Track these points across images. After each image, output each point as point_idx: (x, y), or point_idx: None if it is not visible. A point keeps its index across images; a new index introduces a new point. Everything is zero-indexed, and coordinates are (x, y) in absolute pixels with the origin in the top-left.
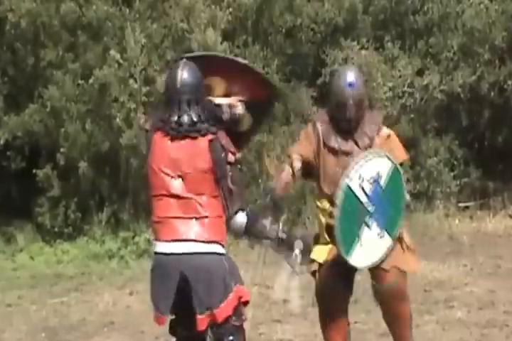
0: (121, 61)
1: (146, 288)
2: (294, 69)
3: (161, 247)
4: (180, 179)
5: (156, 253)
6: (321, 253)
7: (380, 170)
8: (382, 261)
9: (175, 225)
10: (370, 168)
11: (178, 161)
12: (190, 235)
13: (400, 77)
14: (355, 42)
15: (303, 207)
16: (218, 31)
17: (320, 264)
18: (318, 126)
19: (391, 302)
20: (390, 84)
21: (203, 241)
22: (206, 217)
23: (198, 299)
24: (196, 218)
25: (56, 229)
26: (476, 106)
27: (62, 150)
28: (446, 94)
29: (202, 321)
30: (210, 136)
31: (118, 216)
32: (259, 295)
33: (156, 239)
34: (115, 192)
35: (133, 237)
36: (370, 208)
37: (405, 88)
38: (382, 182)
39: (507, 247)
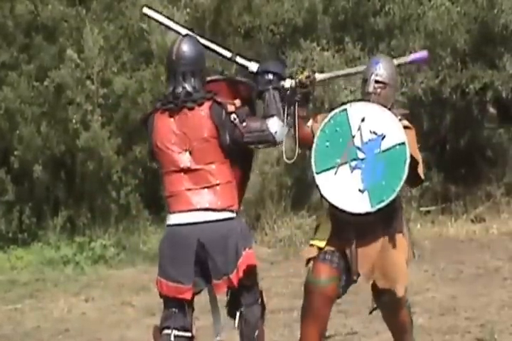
0: (78, 61)
1: (102, 295)
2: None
3: (176, 218)
4: (188, 152)
5: (169, 225)
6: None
7: (388, 133)
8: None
9: (188, 196)
10: (379, 120)
11: (183, 136)
12: (204, 204)
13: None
14: (315, 44)
15: (262, 211)
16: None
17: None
18: None
19: (391, 309)
20: (352, 88)
21: (217, 209)
22: (217, 184)
23: (215, 266)
24: (208, 187)
25: (10, 235)
26: (438, 110)
27: (16, 153)
28: (408, 98)
29: (219, 286)
30: (207, 103)
31: (74, 221)
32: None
33: (170, 212)
34: (71, 197)
35: (89, 243)
36: (360, 154)
37: None
38: (385, 144)
39: (469, 252)
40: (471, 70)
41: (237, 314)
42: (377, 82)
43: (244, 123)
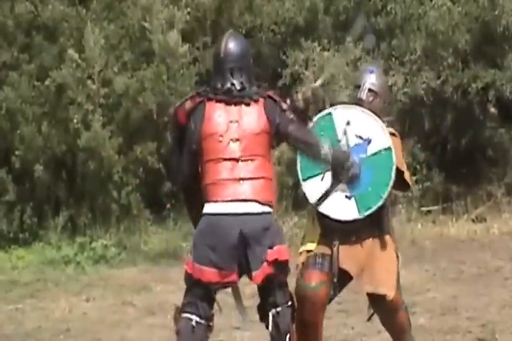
0: (79, 61)
1: (103, 295)
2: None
3: (218, 208)
4: (238, 142)
5: (209, 214)
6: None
7: (374, 138)
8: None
9: (233, 186)
10: (365, 124)
11: (236, 126)
12: (248, 195)
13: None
14: (316, 43)
15: None
16: (178, 32)
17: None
18: None
19: (387, 313)
20: (352, 87)
21: (260, 202)
22: (262, 177)
23: (254, 256)
24: (253, 179)
25: (11, 235)
26: (440, 110)
27: (17, 153)
28: (410, 98)
29: (257, 276)
30: (262, 100)
31: (75, 221)
32: (219, 301)
33: (211, 201)
34: (72, 197)
35: (90, 243)
36: None
37: None
38: (370, 149)
39: (470, 252)
40: (472, 70)
41: (270, 316)
42: (370, 90)
43: (295, 124)
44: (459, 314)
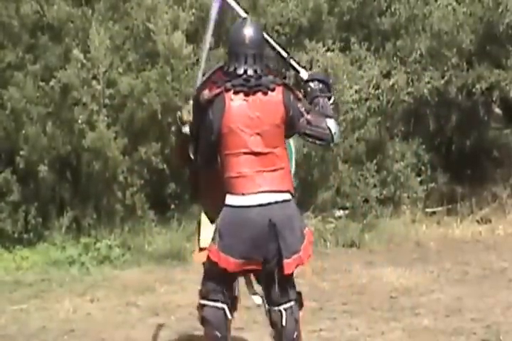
0: (84, 62)
1: (107, 295)
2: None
3: (244, 200)
4: (259, 136)
5: (235, 206)
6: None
7: None
8: None
9: (257, 179)
10: None
11: (257, 119)
12: (272, 186)
13: (367, 80)
14: (320, 44)
15: None
16: (183, 33)
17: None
18: None
19: None
20: (357, 87)
21: (282, 191)
22: (282, 168)
23: (286, 244)
24: (275, 170)
25: (15, 235)
26: (444, 110)
27: (21, 153)
28: (414, 98)
29: (289, 265)
30: (279, 88)
31: (79, 221)
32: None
33: (235, 193)
34: (76, 197)
35: (94, 243)
36: None
37: (372, 90)
38: None
39: (474, 253)
40: (477, 70)
41: (282, 312)
42: None
43: (309, 116)
44: (463, 315)
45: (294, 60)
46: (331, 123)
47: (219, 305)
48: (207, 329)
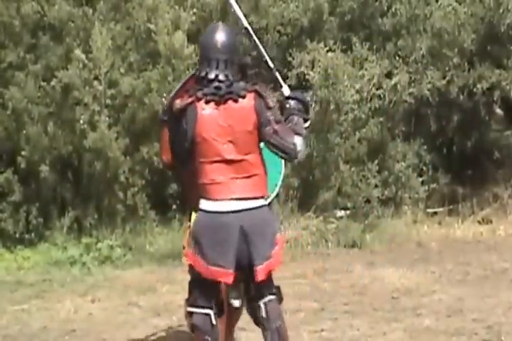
0: (85, 62)
1: (108, 295)
2: (260, 72)
3: (217, 206)
4: (231, 144)
5: (208, 211)
6: None
7: None
8: None
9: (230, 186)
10: None
11: (228, 128)
12: (245, 193)
13: (369, 79)
14: (321, 44)
15: None
16: (184, 33)
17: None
18: None
19: None
20: (358, 87)
21: (256, 197)
22: (256, 174)
23: (257, 251)
24: (248, 177)
25: (17, 235)
26: (445, 111)
27: (23, 153)
28: (415, 98)
29: (261, 271)
30: (250, 95)
31: (80, 221)
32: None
33: (208, 199)
34: (78, 197)
35: (95, 243)
36: None
37: (374, 90)
38: None
39: (476, 254)
40: (478, 70)
41: (261, 306)
42: None
43: (277, 126)
44: (464, 316)
45: (280, 74)
46: (298, 140)
47: (207, 311)
48: (198, 335)
